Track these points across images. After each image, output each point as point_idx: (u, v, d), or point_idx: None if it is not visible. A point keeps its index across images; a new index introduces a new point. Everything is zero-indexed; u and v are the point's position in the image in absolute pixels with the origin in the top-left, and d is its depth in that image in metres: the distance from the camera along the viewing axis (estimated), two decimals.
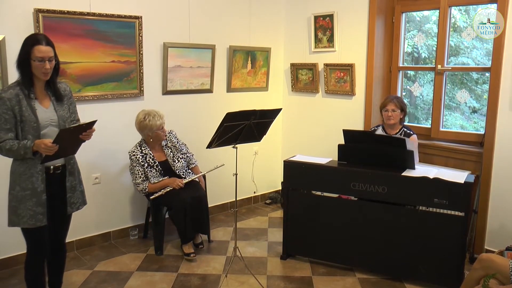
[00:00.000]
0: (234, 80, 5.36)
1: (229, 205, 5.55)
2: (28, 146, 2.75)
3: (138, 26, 4.45)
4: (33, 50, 2.75)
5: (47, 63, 2.78)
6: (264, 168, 5.86)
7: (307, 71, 5.47)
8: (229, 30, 5.23)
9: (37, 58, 2.75)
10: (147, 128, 4.25)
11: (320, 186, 4.07)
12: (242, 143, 3.82)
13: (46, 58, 2.78)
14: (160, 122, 4.26)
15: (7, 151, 2.78)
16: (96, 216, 4.51)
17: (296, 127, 5.76)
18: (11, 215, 2.89)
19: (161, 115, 4.29)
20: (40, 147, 2.72)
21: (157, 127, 4.26)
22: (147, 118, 4.23)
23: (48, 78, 2.86)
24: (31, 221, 2.86)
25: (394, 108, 4.23)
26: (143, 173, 4.29)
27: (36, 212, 2.86)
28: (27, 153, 2.76)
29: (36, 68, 2.78)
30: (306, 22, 5.41)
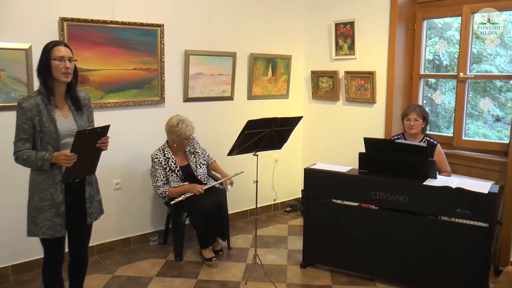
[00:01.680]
0: (255, 88, 5.35)
1: (249, 213, 5.53)
2: (46, 158, 2.71)
3: (160, 34, 4.47)
4: (53, 51, 2.76)
5: (67, 62, 2.77)
6: (284, 175, 5.82)
7: (328, 78, 5.43)
8: (250, 37, 5.23)
9: (57, 57, 2.75)
10: (176, 134, 4.28)
11: (340, 194, 4.02)
12: (262, 150, 3.81)
13: (66, 57, 2.77)
14: (190, 133, 4.29)
15: (24, 161, 2.76)
16: (116, 221, 4.53)
17: (317, 135, 5.72)
18: (30, 225, 2.87)
19: (193, 126, 4.32)
20: (59, 158, 2.68)
21: (186, 137, 4.29)
22: (180, 125, 4.26)
23: (69, 80, 2.82)
24: (49, 232, 2.83)
25: (416, 117, 4.16)
26: (164, 176, 4.30)
27: (55, 223, 2.83)
28: (44, 165, 2.73)
29: (56, 68, 2.75)
30: (327, 29, 5.38)
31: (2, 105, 3.73)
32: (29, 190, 2.88)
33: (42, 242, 2.93)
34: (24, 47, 3.75)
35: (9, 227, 3.93)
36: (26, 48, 3.76)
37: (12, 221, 3.89)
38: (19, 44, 3.74)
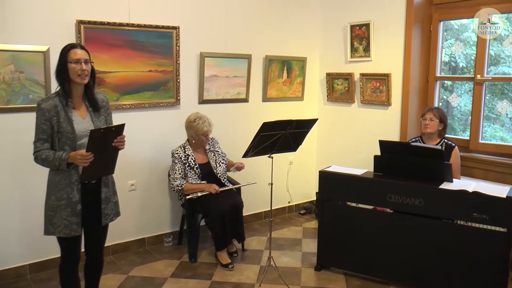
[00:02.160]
0: (270, 90, 5.34)
1: (263, 215, 5.52)
2: (63, 158, 2.75)
3: (176, 36, 4.49)
4: (70, 53, 2.80)
5: (83, 65, 2.81)
6: (298, 178, 5.80)
7: (343, 80, 5.40)
8: (265, 39, 5.22)
9: (73, 60, 2.79)
10: (193, 130, 4.35)
11: (355, 197, 4.00)
12: (278, 153, 3.81)
13: (82, 59, 2.81)
14: (206, 129, 4.35)
15: (43, 161, 2.81)
16: (131, 222, 4.55)
17: (331, 137, 5.69)
18: (47, 224, 2.91)
19: (211, 123, 4.39)
20: (76, 158, 2.71)
21: (203, 132, 4.34)
22: (197, 121, 4.34)
23: (85, 81, 2.86)
24: (66, 231, 2.87)
25: (432, 117, 4.13)
26: (183, 170, 4.34)
27: (71, 222, 2.86)
28: (62, 165, 2.77)
29: (73, 71, 2.79)
30: (342, 31, 5.36)
31: (21, 106, 3.78)
32: (47, 190, 2.92)
33: (58, 241, 2.97)
34: (42, 50, 3.80)
35: (27, 227, 3.98)
36: (44, 50, 3.81)
37: (30, 220, 3.94)
38: (37, 47, 3.79)
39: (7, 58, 3.68)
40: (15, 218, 3.96)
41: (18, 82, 3.74)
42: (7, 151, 3.84)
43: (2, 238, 3.91)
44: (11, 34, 3.71)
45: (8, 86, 3.71)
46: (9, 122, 3.79)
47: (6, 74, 3.68)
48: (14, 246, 3.98)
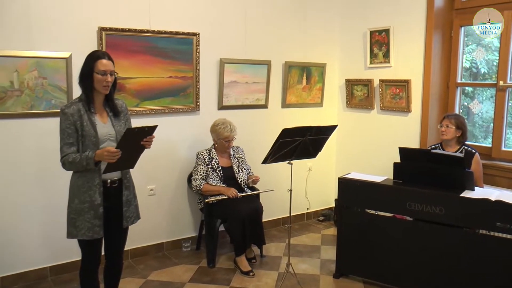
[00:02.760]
0: (289, 96, 5.33)
1: (282, 221, 5.50)
2: (90, 156, 2.80)
3: (196, 42, 4.51)
4: (97, 64, 2.85)
5: (108, 76, 2.87)
6: (317, 184, 5.77)
7: (362, 87, 5.37)
8: (285, 45, 5.22)
9: (100, 71, 2.84)
10: (215, 134, 4.44)
11: (374, 204, 3.96)
12: (297, 159, 3.81)
13: (108, 71, 2.87)
14: (227, 134, 4.39)
15: (70, 164, 2.85)
16: (150, 226, 4.56)
17: (351, 144, 5.65)
18: (70, 227, 2.94)
19: (233, 129, 4.43)
20: (103, 155, 2.75)
21: (223, 137, 4.39)
22: (219, 126, 4.41)
23: (107, 92, 2.93)
24: (88, 233, 2.90)
25: (449, 124, 4.08)
26: (205, 172, 4.39)
27: (94, 225, 2.90)
28: (89, 164, 2.81)
29: (98, 81, 2.86)
30: (362, 37, 5.33)
31: (44, 111, 3.85)
32: (69, 193, 2.96)
33: (80, 244, 3.00)
34: (65, 56, 3.86)
35: (50, 230, 4.03)
36: (67, 57, 3.86)
37: (52, 224, 4.00)
38: (60, 53, 3.85)
39: (32, 64, 3.74)
40: (38, 221, 4.01)
41: (41, 88, 3.81)
42: (30, 155, 3.90)
43: (25, 241, 3.97)
44: (35, 41, 3.78)
45: (32, 91, 3.77)
46: (32, 126, 3.85)
47: (30, 80, 3.75)
48: (36, 249, 4.03)
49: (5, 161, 3.81)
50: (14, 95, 3.71)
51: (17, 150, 3.84)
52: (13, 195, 3.87)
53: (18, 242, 3.94)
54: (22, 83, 3.72)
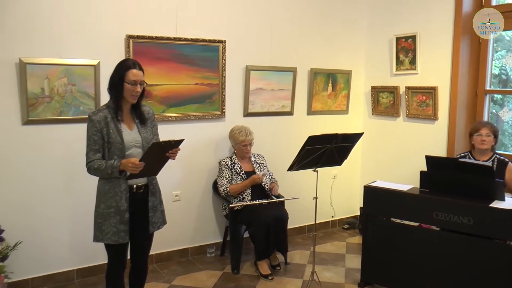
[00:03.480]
0: (315, 103, 5.31)
1: (306, 228, 5.47)
2: (115, 165, 2.83)
3: (222, 49, 4.54)
4: (128, 74, 2.88)
5: (138, 86, 2.90)
6: (342, 192, 5.72)
7: (388, 94, 5.31)
8: (311, 52, 5.21)
9: (131, 81, 2.87)
10: (232, 139, 4.53)
11: (400, 213, 3.89)
12: (322, 166, 3.80)
13: (138, 81, 2.90)
14: (242, 138, 4.43)
15: (95, 170, 2.89)
16: (175, 232, 4.58)
17: (376, 152, 5.59)
18: (96, 231, 2.98)
19: (248, 133, 4.48)
20: (127, 166, 2.79)
21: (240, 142, 4.44)
22: (235, 131, 4.50)
23: (135, 101, 2.97)
24: (114, 238, 2.93)
25: (489, 132, 3.98)
26: (230, 176, 4.43)
27: (119, 230, 2.93)
28: (114, 172, 2.85)
29: (127, 91, 2.89)
30: (388, 43, 5.28)
31: (72, 117, 3.91)
32: (96, 198, 3.00)
33: (106, 248, 3.03)
34: (93, 63, 3.92)
35: (77, 233, 4.09)
36: (95, 64, 3.92)
37: (80, 228, 4.05)
38: (88, 61, 3.92)
39: (61, 71, 3.81)
40: (66, 224, 4.07)
41: (70, 94, 3.87)
42: (58, 160, 3.97)
43: (53, 244, 4.03)
44: (65, 49, 3.85)
45: (61, 98, 3.84)
46: (61, 132, 3.92)
47: (60, 87, 3.82)
48: (64, 251, 4.09)
49: (35, 166, 3.88)
50: (44, 101, 3.79)
51: (46, 155, 3.91)
52: (42, 199, 3.94)
53: (47, 245, 4.00)
54: (52, 89, 3.80)
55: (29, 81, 3.69)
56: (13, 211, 3.82)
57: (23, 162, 3.83)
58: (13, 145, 3.78)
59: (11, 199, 3.81)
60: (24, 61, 3.65)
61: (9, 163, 3.78)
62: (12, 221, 3.77)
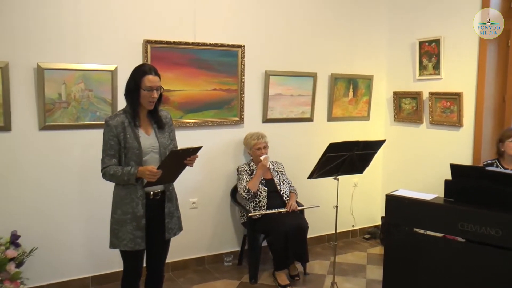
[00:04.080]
0: (335, 109, 5.26)
1: (326, 238, 5.40)
2: (132, 172, 2.82)
3: (241, 54, 4.52)
4: (143, 80, 2.86)
5: (154, 92, 2.89)
6: (363, 201, 5.64)
7: (411, 100, 5.22)
8: (331, 57, 5.16)
9: (147, 87, 2.86)
10: (247, 145, 4.59)
11: (423, 223, 3.78)
12: (343, 174, 3.77)
13: (154, 87, 2.88)
14: (254, 141, 4.47)
15: (111, 176, 2.89)
16: (191, 240, 4.55)
17: (398, 159, 5.50)
18: (112, 237, 2.97)
19: (260, 136, 4.50)
20: (145, 173, 2.78)
21: (253, 145, 4.49)
22: (248, 137, 4.57)
23: (152, 107, 2.96)
24: (130, 244, 2.91)
25: None
26: (249, 180, 4.41)
27: (136, 236, 2.91)
28: (131, 180, 2.84)
29: (144, 97, 2.88)
30: (410, 48, 5.19)
31: (89, 123, 3.92)
32: (112, 204, 2.99)
33: (122, 255, 3.02)
34: (110, 69, 3.93)
35: (92, 240, 4.09)
36: (112, 69, 3.93)
37: (95, 234, 4.06)
38: (106, 66, 3.93)
39: (78, 77, 3.83)
40: (81, 231, 4.07)
41: (87, 100, 3.89)
42: (75, 166, 3.99)
43: (69, 250, 4.03)
44: (82, 54, 3.87)
45: (78, 103, 3.86)
46: (77, 137, 3.94)
47: (77, 92, 3.83)
48: (79, 258, 4.10)
49: (51, 171, 3.90)
50: (61, 107, 3.81)
51: (63, 160, 3.93)
52: (58, 205, 3.95)
53: (62, 251, 4.01)
54: (69, 95, 3.81)
55: (46, 87, 3.71)
56: (29, 217, 3.84)
57: (39, 167, 3.85)
58: (29, 150, 3.80)
59: (27, 204, 3.83)
60: (42, 66, 3.68)
61: (26, 168, 3.80)
62: (28, 227, 3.79)
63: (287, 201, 4.44)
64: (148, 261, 3.17)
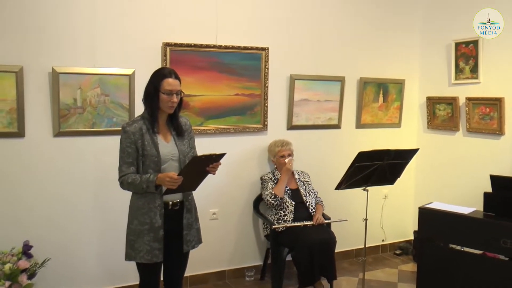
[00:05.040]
0: (364, 115, 5.20)
1: (354, 253, 5.34)
2: (151, 179, 2.81)
3: (265, 57, 4.51)
4: (163, 83, 2.87)
5: (174, 96, 2.89)
6: (394, 214, 5.56)
7: (446, 105, 5.13)
8: (360, 60, 5.11)
9: (166, 91, 2.86)
10: (271, 153, 4.60)
11: (460, 239, 3.72)
12: (373, 185, 3.75)
13: (174, 91, 2.89)
14: (278, 148, 4.49)
15: (129, 185, 2.88)
16: (211, 253, 4.53)
17: (432, 170, 5.40)
18: (128, 249, 2.97)
19: (284, 143, 4.51)
20: (165, 180, 2.77)
21: (276, 153, 4.49)
22: (273, 144, 4.59)
23: (172, 111, 2.96)
24: (147, 256, 2.90)
25: None
26: None
27: (153, 248, 2.90)
28: (150, 187, 2.83)
29: (163, 101, 2.88)
30: (445, 49, 5.10)
31: (105, 129, 3.94)
32: (129, 214, 2.99)
33: (138, 268, 3.02)
34: (128, 73, 3.95)
35: (107, 251, 4.10)
36: (130, 73, 3.95)
37: (111, 245, 4.07)
38: (123, 70, 3.95)
39: (95, 81, 3.86)
40: (96, 242, 4.09)
41: (103, 105, 3.91)
42: (90, 173, 4.01)
43: (83, 261, 4.05)
44: (99, 58, 3.90)
45: (94, 109, 3.88)
46: (93, 144, 3.96)
47: (92, 97, 3.86)
48: (93, 269, 4.11)
49: (66, 179, 3.92)
50: (76, 113, 3.83)
51: (77, 168, 3.95)
52: (72, 214, 3.97)
53: (76, 262, 4.02)
54: (85, 100, 3.84)
55: (61, 91, 3.74)
56: (42, 227, 3.86)
57: (53, 175, 3.88)
58: (43, 157, 3.83)
59: (40, 214, 3.86)
60: (57, 71, 3.71)
61: (39, 176, 3.83)
62: (40, 236, 3.81)
63: (313, 214, 4.39)
64: (166, 275, 3.16)
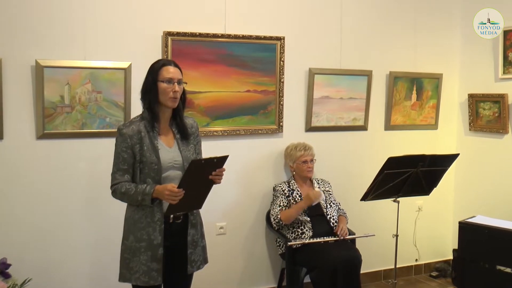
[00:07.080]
0: (395, 115, 5.18)
1: (383, 274, 5.31)
2: (147, 192, 2.79)
3: (280, 48, 4.51)
4: (161, 71, 2.87)
5: (176, 85, 2.87)
6: (429, 229, 5.52)
7: (492, 104, 5.09)
8: (389, 52, 5.10)
9: (166, 78, 2.86)
10: (289, 158, 4.56)
11: (509, 260, 3.65)
12: (405, 196, 3.77)
13: (175, 79, 2.87)
14: (300, 153, 4.47)
15: (122, 195, 2.87)
16: (218, 273, 4.51)
17: (475, 178, 5.36)
18: (123, 269, 2.95)
19: (306, 147, 4.51)
20: (163, 193, 2.74)
21: (297, 158, 4.47)
22: (291, 148, 4.57)
23: (176, 105, 2.93)
24: (144, 278, 2.88)
25: None
26: (286, 204, 4.39)
27: (151, 268, 2.87)
28: (145, 200, 2.80)
29: (163, 92, 2.86)
30: (491, 39, 5.03)
31: (97, 131, 3.95)
32: (124, 228, 2.99)
33: None
34: (123, 66, 3.95)
35: (99, 271, 4.10)
36: (125, 67, 3.95)
37: (103, 264, 4.07)
38: (118, 63, 3.95)
39: (85, 76, 3.86)
40: (86, 259, 4.09)
41: (95, 104, 3.91)
42: (79, 181, 4.01)
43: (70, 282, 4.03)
44: (90, 50, 3.90)
45: (84, 108, 3.88)
46: (83, 148, 3.96)
47: (82, 94, 3.86)
48: None
49: (51, 187, 3.92)
50: (64, 112, 3.83)
51: (65, 175, 3.95)
52: (59, 227, 3.97)
53: (62, 283, 4.00)
54: (74, 97, 3.84)
55: (46, 88, 3.74)
56: (23, 242, 3.86)
57: (36, 183, 3.88)
58: (25, 162, 3.84)
59: (21, 227, 3.86)
60: (41, 64, 3.71)
61: (20, 184, 3.84)
62: (21, 253, 3.82)
63: (335, 227, 4.35)
64: None
